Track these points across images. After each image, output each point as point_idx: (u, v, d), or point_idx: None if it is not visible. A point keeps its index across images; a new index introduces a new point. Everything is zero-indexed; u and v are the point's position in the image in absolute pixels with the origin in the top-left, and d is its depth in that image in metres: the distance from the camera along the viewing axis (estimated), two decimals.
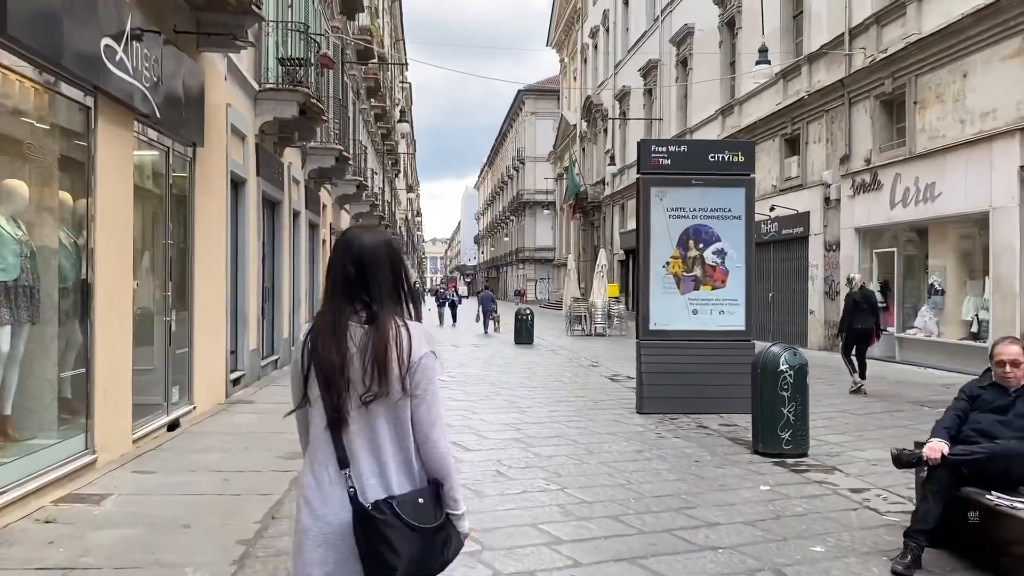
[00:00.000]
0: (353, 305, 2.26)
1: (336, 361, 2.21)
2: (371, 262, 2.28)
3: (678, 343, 10.35)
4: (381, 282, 2.28)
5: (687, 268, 10.41)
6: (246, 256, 12.36)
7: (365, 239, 2.32)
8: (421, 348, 2.25)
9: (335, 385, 2.21)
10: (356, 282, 2.27)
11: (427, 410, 2.25)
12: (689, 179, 10.41)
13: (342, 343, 2.22)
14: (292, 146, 15.44)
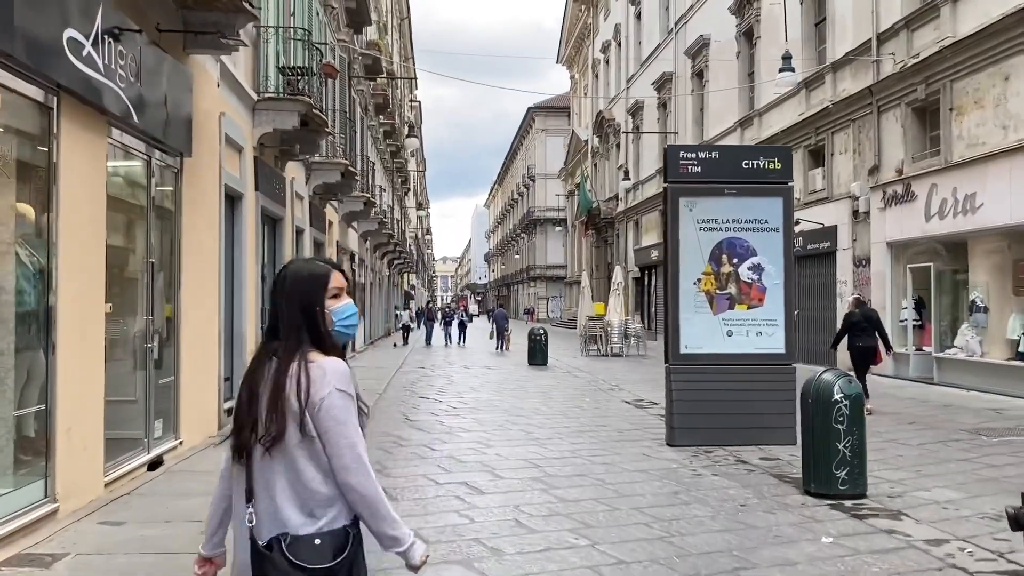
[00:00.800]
0: (270, 341, 2.28)
1: (243, 397, 2.26)
2: (276, 294, 2.29)
3: (712, 368, 9.45)
4: (284, 316, 2.26)
5: (720, 285, 9.52)
6: (243, 275, 11.55)
7: (283, 273, 2.33)
8: (323, 387, 2.16)
9: (238, 421, 2.26)
10: (276, 317, 2.27)
11: (337, 454, 2.16)
12: (721, 188, 9.54)
13: (255, 380, 2.24)
14: (294, 159, 14.67)
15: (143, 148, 7.78)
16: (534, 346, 22.35)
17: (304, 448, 2.15)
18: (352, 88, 24.77)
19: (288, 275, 2.31)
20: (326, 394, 2.15)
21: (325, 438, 2.15)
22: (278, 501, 2.16)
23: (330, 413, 2.15)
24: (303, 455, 2.16)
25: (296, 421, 2.14)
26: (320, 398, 2.14)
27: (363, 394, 2.37)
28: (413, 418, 11.63)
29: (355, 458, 2.17)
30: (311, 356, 2.21)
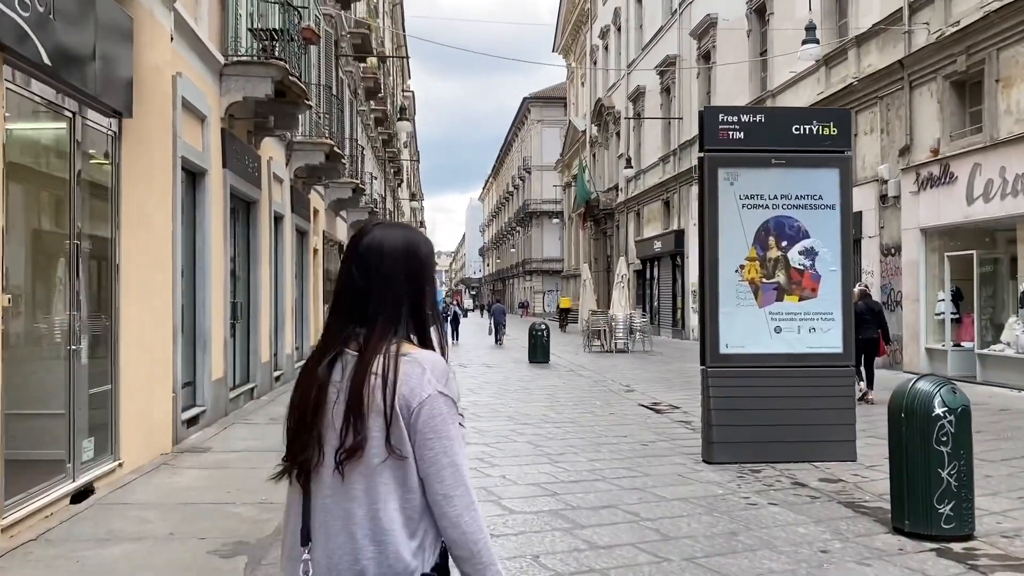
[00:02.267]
0: (353, 327, 1.73)
1: (311, 400, 1.71)
2: (379, 268, 1.73)
3: (757, 371, 7.97)
4: (385, 296, 1.73)
5: (767, 273, 8.03)
6: (207, 264, 10.01)
7: (377, 236, 1.77)
8: (423, 388, 1.66)
9: (303, 432, 1.71)
10: (361, 295, 1.73)
11: (437, 477, 1.64)
12: (768, 157, 8.05)
13: (326, 377, 1.71)
14: (270, 135, 13.13)
15: (63, 102, 6.24)
16: (535, 343, 20.85)
17: (388, 471, 1.65)
18: (340, 68, 23.21)
19: (383, 241, 1.77)
20: (426, 397, 1.66)
21: (423, 455, 1.66)
22: (345, 547, 1.65)
23: (431, 423, 1.65)
24: (386, 480, 1.66)
25: (382, 433, 1.63)
26: (419, 403, 1.65)
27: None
28: None
29: (459, 483, 1.66)
30: (404, 348, 1.71)
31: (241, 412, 11.24)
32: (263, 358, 13.08)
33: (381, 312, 1.72)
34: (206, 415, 9.88)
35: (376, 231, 1.79)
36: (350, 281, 1.75)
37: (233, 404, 11.28)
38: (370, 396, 1.64)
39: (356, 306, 1.73)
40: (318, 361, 1.74)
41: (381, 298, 1.72)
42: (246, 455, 8.26)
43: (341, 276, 1.78)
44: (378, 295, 1.72)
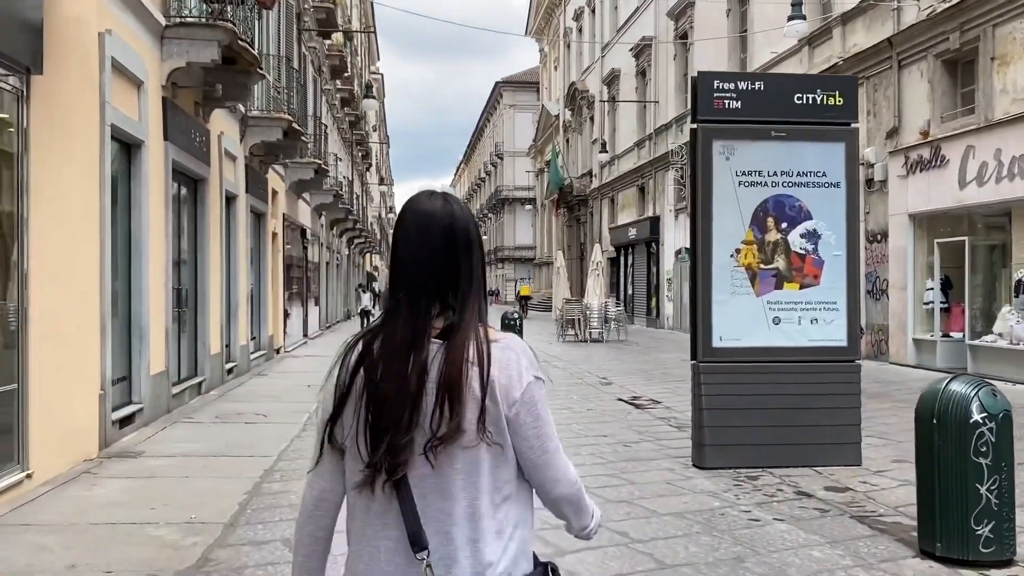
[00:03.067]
0: (431, 308, 1.59)
1: (409, 393, 1.53)
2: (466, 246, 1.62)
3: (753, 366, 7.19)
4: (472, 273, 1.62)
5: (765, 258, 7.23)
6: (144, 246, 9.02)
7: (455, 206, 1.63)
8: (522, 376, 1.59)
9: (399, 432, 1.53)
10: (443, 274, 1.60)
11: (544, 463, 1.62)
12: (767, 129, 7.24)
13: (416, 363, 1.54)
14: (221, 107, 12.10)
15: None
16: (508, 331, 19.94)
17: (483, 463, 1.57)
18: (303, 43, 22.12)
19: (463, 210, 1.65)
20: (526, 386, 1.59)
21: (529, 443, 1.60)
22: (440, 549, 1.55)
23: (534, 411, 1.60)
24: (482, 473, 1.56)
25: (478, 423, 1.54)
26: (520, 392, 1.58)
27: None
28: None
29: (564, 467, 1.67)
30: (490, 332, 1.62)
31: (186, 409, 10.27)
32: (213, 349, 12.09)
33: (469, 291, 1.61)
34: (143, 414, 8.92)
35: (451, 206, 1.64)
36: (431, 260, 1.60)
37: (177, 400, 10.31)
38: (468, 386, 1.54)
39: (436, 283, 1.60)
40: (404, 346, 1.56)
41: (469, 275, 1.61)
42: (182, 461, 7.33)
43: (414, 251, 1.61)
44: (468, 272, 1.61)
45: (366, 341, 1.60)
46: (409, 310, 1.58)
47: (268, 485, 6.53)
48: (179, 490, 6.29)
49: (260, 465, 7.13)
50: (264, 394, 11.92)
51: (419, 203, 1.64)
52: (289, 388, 12.65)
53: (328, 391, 1.61)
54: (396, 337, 1.56)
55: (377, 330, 1.61)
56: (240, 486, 6.37)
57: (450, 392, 1.52)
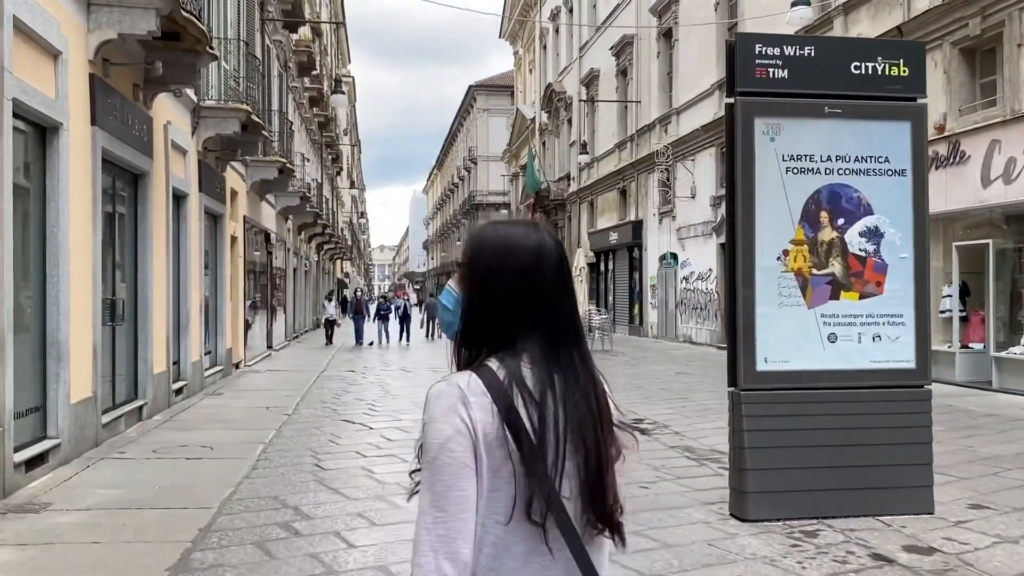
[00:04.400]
0: (524, 332, 1.52)
1: (584, 420, 1.48)
2: (569, 275, 1.59)
3: (805, 394, 5.89)
4: (575, 304, 1.59)
5: (818, 261, 5.94)
6: (61, 247, 7.52)
7: (551, 241, 1.57)
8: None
9: (557, 462, 1.44)
10: (554, 304, 1.54)
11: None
12: (820, 105, 5.96)
13: (558, 393, 1.49)
14: (166, 91, 10.60)
15: None
16: None
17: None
18: (267, 35, 20.63)
19: (554, 238, 1.59)
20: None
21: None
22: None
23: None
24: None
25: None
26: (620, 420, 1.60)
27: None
28: (327, 464, 7.78)
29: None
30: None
31: (119, 441, 8.76)
32: (157, 368, 10.58)
33: (577, 323, 1.58)
34: (60, 451, 7.41)
35: (544, 236, 1.58)
36: (543, 283, 1.53)
37: (109, 430, 8.80)
38: (611, 413, 1.55)
39: (542, 310, 1.53)
40: (543, 381, 1.48)
41: (573, 310, 1.58)
42: (96, 517, 5.85)
43: (532, 282, 1.52)
44: (574, 307, 1.59)
45: (509, 389, 1.45)
46: (536, 346, 1.50)
47: (201, 554, 5.08)
48: (79, 563, 4.84)
49: (194, 522, 5.68)
50: (216, 418, 10.43)
51: (522, 236, 1.55)
52: (245, 411, 11.16)
53: (460, 444, 1.40)
54: (536, 376, 1.47)
55: (504, 374, 1.46)
56: (162, 558, 4.92)
57: (604, 417, 1.52)
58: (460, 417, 1.40)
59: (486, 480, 1.41)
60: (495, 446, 1.41)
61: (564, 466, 1.44)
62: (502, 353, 1.50)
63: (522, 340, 1.50)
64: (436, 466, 1.40)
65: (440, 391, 1.45)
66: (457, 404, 1.42)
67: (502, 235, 1.54)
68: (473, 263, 1.53)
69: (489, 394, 1.43)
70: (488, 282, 1.51)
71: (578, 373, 1.51)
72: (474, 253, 1.54)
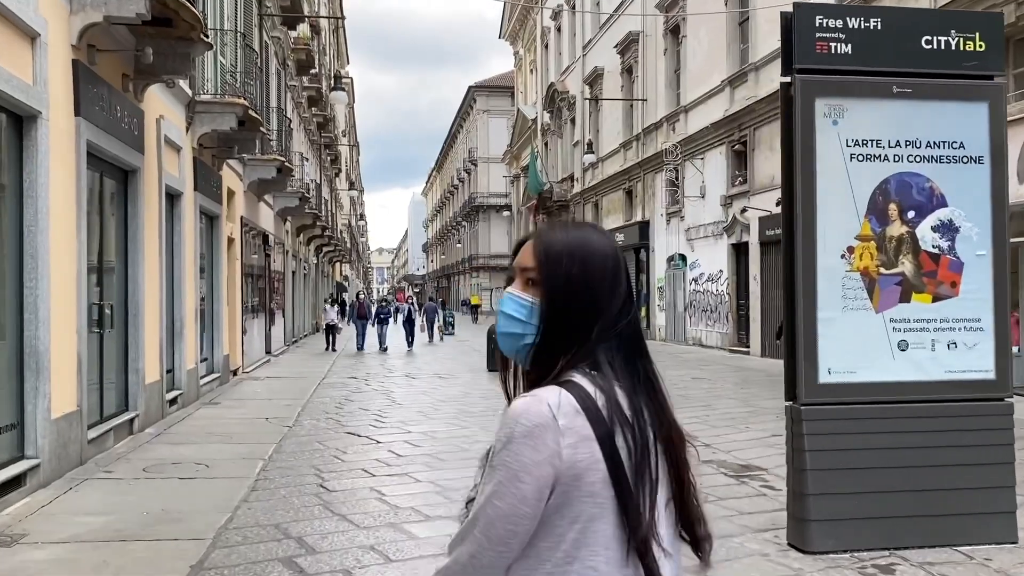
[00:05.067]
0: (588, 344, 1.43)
1: (671, 436, 1.42)
2: (625, 279, 1.49)
3: (874, 409, 5.23)
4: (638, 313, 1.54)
5: (887, 260, 5.29)
6: (40, 248, 6.86)
7: (617, 247, 1.50)
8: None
9: (652, 491, 1.36)
10: (627, 312, 1.45)
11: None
12: (888, 84, 5.31)
13: (650, 414, 1.41)
14: (157, 81, 9.93)
15: None
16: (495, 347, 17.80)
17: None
18: (265, 30, 19.99)
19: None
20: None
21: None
22: None
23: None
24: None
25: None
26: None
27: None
28: (332, 485, 7.10)
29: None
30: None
31: (106, 458, 8.09)
32: (149, 377, 9.92)
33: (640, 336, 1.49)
34: (40, 471, 6.75)
35: (603, 231, 1.54)
36: (619, 289, 1.45)
37: (96, 446, 8.13)
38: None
39: (619, 318, 1.44)
40: (628, 399, 1.39)
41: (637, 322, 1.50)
42: (74, 552, 5.19)
43: (612, 287, 1.44)
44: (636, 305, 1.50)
45: (601, 408, 1.35)
46: (617, 361, 1.42)
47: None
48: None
49: (185, 558, 5.01)
50: (212, 431, 9.76)
51: (600, 240, 1.48)
52: (244, 422, 10.50)
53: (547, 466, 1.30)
54: (622, 392, 1.39)
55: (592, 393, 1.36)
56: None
57: (678, 440, 1.46)
58: (545, 442, 1.29)
59: (578, 506, 1.31)
60: (589, 473, 1.31)
61: (656, 492, 1.36)
62: (585, 366, 1.39)
63: (601, 352, 1.40)
64: (500, 491, 1.31)
65: (526, 408, 1.32)
66: (547, 426, 1.30)
67: (581, 238, 1.46)
68: (553, 268, 1.42)
69: (584, 415, 1.32)
70: (571, 289, 1.41)
71: (655, 386, 1.44)
72: (553, 258, 1.43)
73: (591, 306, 1.40)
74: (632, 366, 1.42)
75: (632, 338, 1.45)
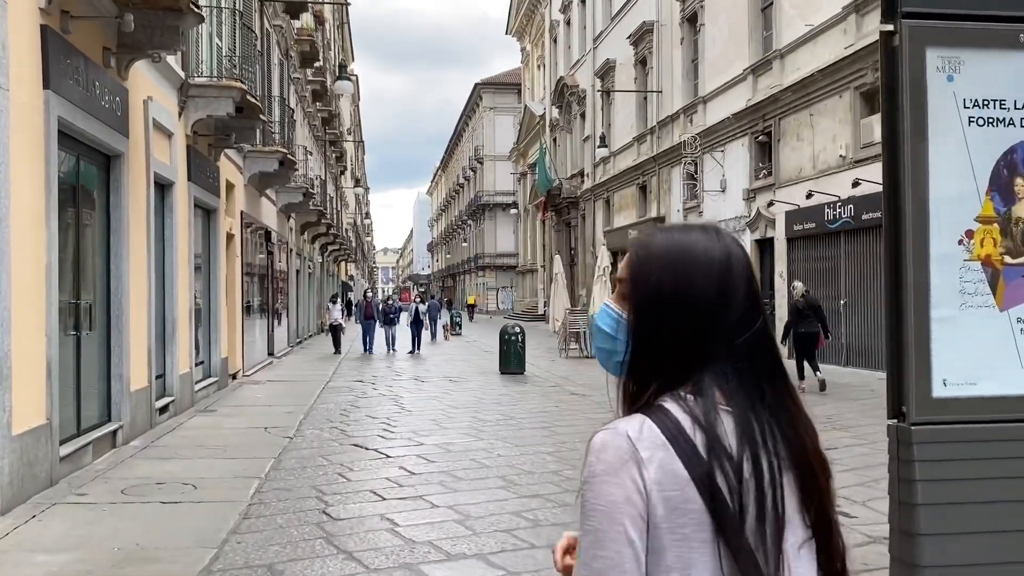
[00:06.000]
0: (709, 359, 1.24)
1: (801, 472, 1.22)
2: (758, 289, 1.30)
3: (1004, 428, 4.26)
4: (768, 326, 1.30)
5: (1014, 247, 4.31)
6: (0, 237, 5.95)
7: (738, 249, 1.30)
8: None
9: (777, 532, 1.18)
10: (746, 326, 1.25)
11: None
12: (1015, 32, 4.34)
13: (767, 446, 1.20)
14: (143, 57, 9.00)
15: None
16: (508, 349, 17.00)
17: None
18: (266, 17, 19.09)
19: (740, 245, 1.31)
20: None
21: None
22: None
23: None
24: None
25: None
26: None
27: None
28: (337, 511, 6.16)
29: None
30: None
31: (82, 476, 7.18)
32: (134, 384, 9.00)
33: (772, 338, 1.31)
34: (0, 495, 5.83)
35: (720, 233, 1.32)
36: (732, 301, 1.25)
37: (70, 463, 7.21)
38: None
39: (732, 334, 1.24)
40: (747, 427, 1.19)
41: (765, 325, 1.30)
42: None
43: (719, 299, 1.23)
44: (765, 315, 1.30)
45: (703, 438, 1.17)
46: (740, 385, 1.22)
47: None
48: None
49: None
50: (205, 443, 8.85)
51: (704, 244, 1.26)
52: (240, 432, 9.59)
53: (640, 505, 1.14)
54: (735, 422, 1.20)
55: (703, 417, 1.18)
56: None
57: (820, 474, 1.29)
58: (630, 477, 1.14)
59: (672, 552, 1.13)
60: (681, 511, 1.13)
61: (782, 534, 1.17)
62: (683, 390, 1.21)
63: (709, 373, 1.22)
64: (599, 540, 1.14)
65: (604, 443, 1.17)
66: (626, 460, 1.15)
67: (680, 243, 1.27)
68: (642, 279, 1.26)
69: (671, 447, 1.15)
70: (663, 303, 1.24)
71: (786, 412, 1.23)
72: (643, 266, 1.27)
73: (690, 321, 1.22)
74: (754, 388, 1.22)
75: (756, 355, 1.24)
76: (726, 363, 1.21)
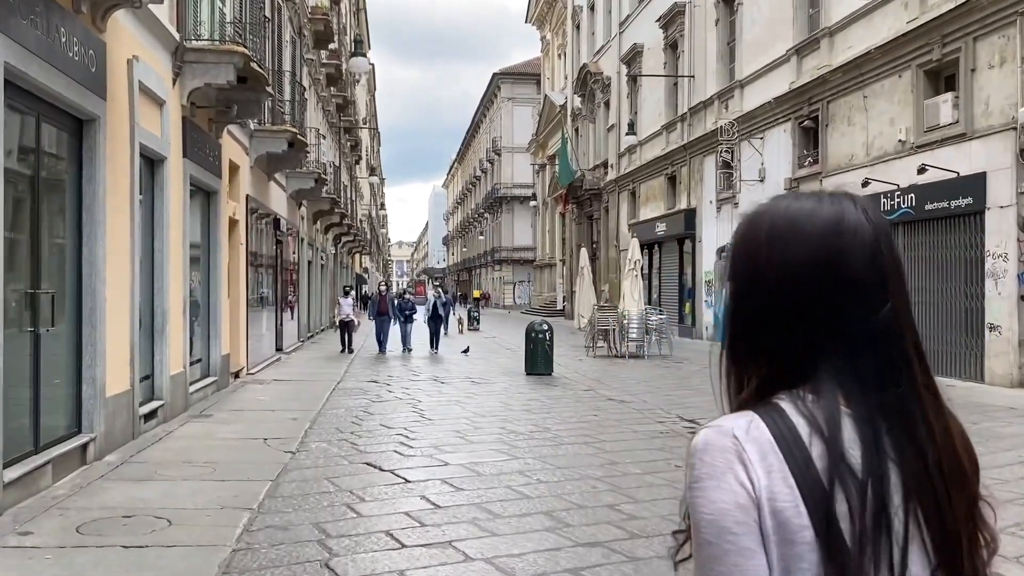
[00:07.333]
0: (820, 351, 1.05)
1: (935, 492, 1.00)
2: (896, 266, 1.06)
3: None
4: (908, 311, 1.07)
5: None
6: None
7: (859, 216, 1.05)
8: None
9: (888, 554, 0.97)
10: (872, 311, 1.02)
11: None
12: None
13: (895, 458, 1.00)
14: (124, 6, 7.68)
15: None
16: (535, 348, 15.62)
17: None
18: None
19: (867, 212, 1.06)
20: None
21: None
22: None
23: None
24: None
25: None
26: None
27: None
28: (342, 566, 4.77)
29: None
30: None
31: (33, 506, 5.86)
32: (112, 388, 7.69)
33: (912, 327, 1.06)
34: None
35: (864, 206, 1.07)
36: (847, 278, 1.02)
37: (20, 489, 5.90)
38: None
39: (850, 319, 1.02)
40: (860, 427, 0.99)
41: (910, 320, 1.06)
42: None
43: (827, 275, 1.02)
44: (905, 298, 1.06)
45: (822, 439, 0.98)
46: (863, 386, 1.01)
47: None
48: None
49: None
50: (192, 459, 7.54)
51: (809, 210, 1.05)
52: (235, 445, 8.29)
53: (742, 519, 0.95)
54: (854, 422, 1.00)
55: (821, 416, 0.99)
56: None
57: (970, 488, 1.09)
58: (738, 480, 0.97)
59: (778, 567, 0.95)
60: (791, 523, 0.95)
61: (905, 562, 0.97)
62: (801, 386, 1.02)
63: (826, 368, 1.02)
64: (711, 553, 0.95)
65: (707, 442, 1.00)
66: (732, 461, 0.98)
67: (786, 211, 1.06)
68: (739, 256, 1.08)
69: (780, 451, 0.97)
70: (758, 283, 1.05)
71: (924, 417, 1.01)
72: (741, 242, 1.09)
73: (796, 305, 1.02)
74: (880, 386, 1.00)
75: (884, 347, 1.01)
76: (844, 357, 1.01)
